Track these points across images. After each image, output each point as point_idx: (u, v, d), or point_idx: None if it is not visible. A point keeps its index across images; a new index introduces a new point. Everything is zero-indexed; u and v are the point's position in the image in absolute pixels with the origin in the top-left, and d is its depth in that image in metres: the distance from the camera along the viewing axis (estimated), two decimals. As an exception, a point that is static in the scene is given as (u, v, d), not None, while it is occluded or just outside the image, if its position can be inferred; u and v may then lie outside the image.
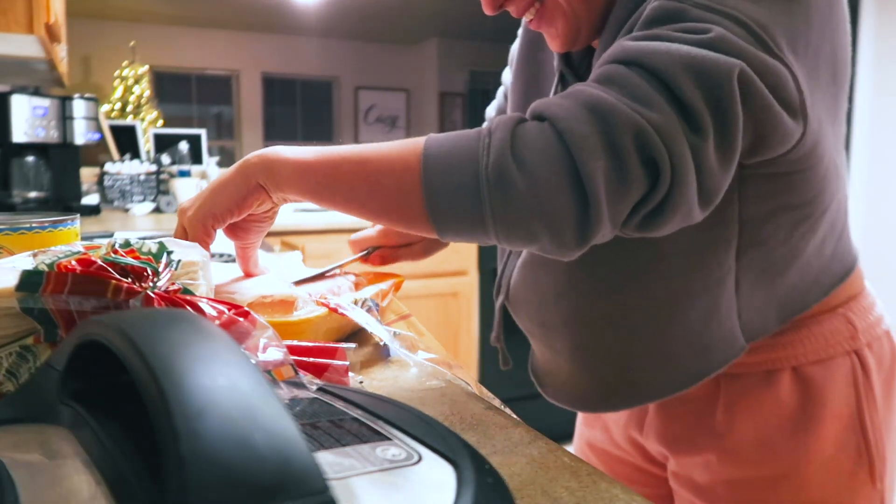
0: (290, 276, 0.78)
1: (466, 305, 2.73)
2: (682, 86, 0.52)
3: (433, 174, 0.54)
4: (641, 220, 0.55)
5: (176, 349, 0.27)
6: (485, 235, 0.55)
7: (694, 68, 0.52)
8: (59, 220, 0.69)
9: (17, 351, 0.44)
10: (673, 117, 0.52)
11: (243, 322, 0.45)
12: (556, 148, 0.52)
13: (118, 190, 2.87)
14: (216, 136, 8.38)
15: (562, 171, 0.51)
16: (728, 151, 0.54)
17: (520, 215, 0.52)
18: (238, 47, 8.20)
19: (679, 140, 0.51)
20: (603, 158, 0.51)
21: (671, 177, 0.52)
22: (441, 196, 0.54)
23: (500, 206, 0.52)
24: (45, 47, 1.97)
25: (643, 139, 0.51)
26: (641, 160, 0.51)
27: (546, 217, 0.52)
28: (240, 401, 0.25)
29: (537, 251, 0.56)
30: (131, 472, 0.28)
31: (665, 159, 0.51)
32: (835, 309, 0.74)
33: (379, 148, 0.58)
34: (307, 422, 0.35)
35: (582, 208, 0.52)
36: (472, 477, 0.30)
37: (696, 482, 0.77)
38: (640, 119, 0.51)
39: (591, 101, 0.52)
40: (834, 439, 0.72)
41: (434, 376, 0.61)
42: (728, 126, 0.53)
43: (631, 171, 0.51)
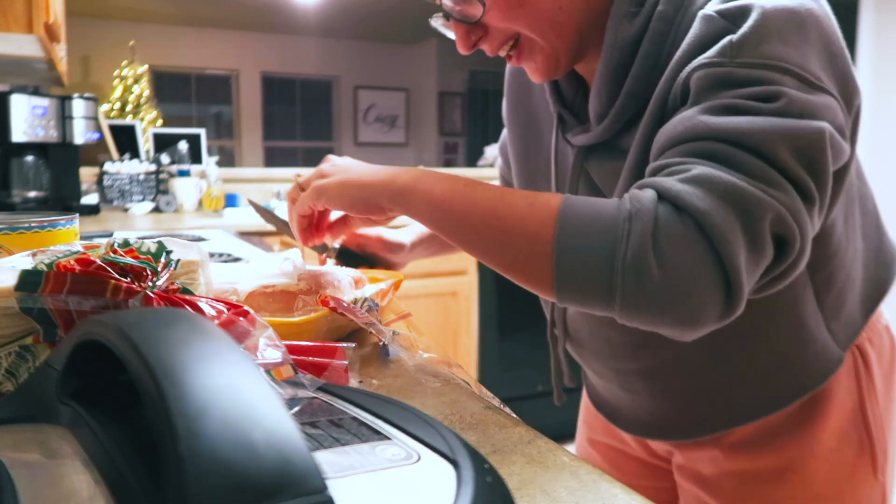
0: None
1: (466, 305, 2.73)
2: (787, 161, 0.54)
3: (567, 250, 0.54)
4: (763, 286, 0.58)
5: (175, 349, 0.27)
6: (608, 310, 0.55)
7: (790, 141, 0.54)
8: (58, 219, 0.69)
9: (16, 350, 0.44)
10: (795, 195, 0.54)
11: (243, 321, 0.45)
12: (699, 242, 0.52)
13: (117, 189, 2.87)
14: (215, 136, 8.37)
15: (706, 264, 0.52)
16: (823, 208, 0.57)
17: (652, 305, 0.53)
18: (237, 47, 8.20)
19: (804, 217, 0.54)
20: (745, 248, 0.53)
21: (798, 248, 0.55)
22: (572, 274, 0.54)
23: (632, 296, 0.52)
24: (45, 47, 1.97)
25: (779, 223, 0.53)
26: (774, 239, 0.54)
27: (682, 307, 0.52)
28: (239, 400, 0.25)
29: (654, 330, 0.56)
30: (130, 472, 0.28)
31: (797, 238, 0.54)
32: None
33: (514, 204, 0.58)
34: (306, 421, 0.35)
35: (724, 296, 0.53)
36: (471, 476, 0.30)
37: (702, 475, 0.78)
38: (776, 204, 0.53)
39: (727, 190, 0.53)
40: (837, 432, 0.73)
41: (433, 375, 0.61)
42: (825, 188, 0.56)
43: (765, 251, 0.54)
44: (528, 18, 0.67)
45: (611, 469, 0.93)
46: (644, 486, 0.90)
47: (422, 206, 0.62)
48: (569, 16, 0.67)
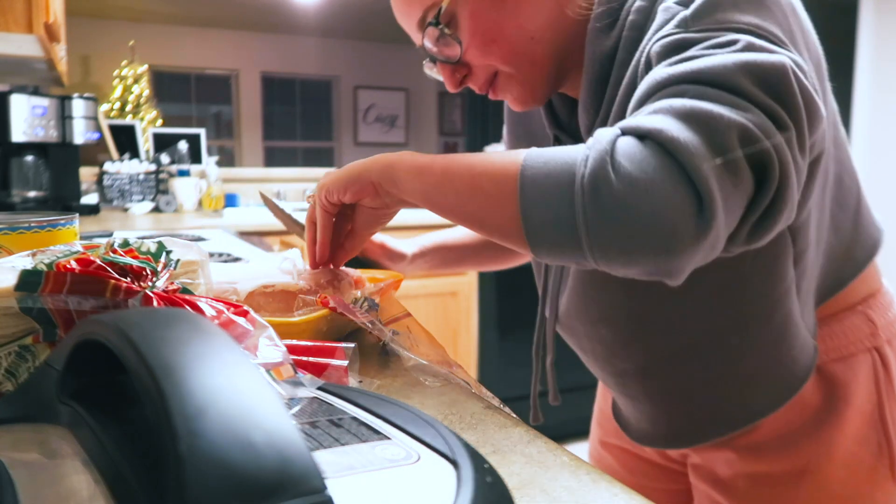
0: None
1: (465, 304, 2.73)
2: (751, 90, 0.52)
3: (530, 181, 0.54)
4: (751, 227, 0.54)
5: (175, 348, 0.27)
6: (579, 250, 0.52)
7: (753, 73, 0.52)
8: (58, 219, 0.69)
9: (16, 350, 0.44)
10: (763, 117, 0.52)
11: (242, 321, 0.45)
12: (658, 154, 0.50)
13: (117, 189, 2.87)
14: (215, 136, 8.37)
15: (669, 175, 0.49)
16: (804, 144, 0.54)
17: (618, 224, 0.50)
18: (237, 47, 8.20)
19: (779, 140, 0.51)
20: (711, 161, 0.50)
21: (779, 175, 0.51)
22: (535, 204, 0.53)
23: (596, 217, 0.50)
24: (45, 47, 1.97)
25: (748, 138, 0.50)
26: (749, 161, 0.51)
27: (651, 223, 0.49)
28: (239, 400, 0.25)
29: (638, 272, 0.53)
30: (130, 472, 0.28)
31: (772, 156, 0.51)
32: (854, 307, 0.75)
33: (488, 155, 0.59)
34: (306, 421, 0.35)
35: (695, 209, 0.49)
36: (471, 476, 0.30)
37: (718, 475, 0.77)
38: (741, 120, 0.50)
39: (687, 110, 0.51)
40: (855, 435, 0.73)
41: (433, 375, 0.61)
42: (799, 120, 0.53)
43: (741, 171, 0.51)
44: (501, 52, 0.70)
45: (624, 471, 0.93)
46: (658, 489, 0.90)
47: (405, 174, 0.63)
48: (541, 44, 0.70)
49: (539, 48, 0.70)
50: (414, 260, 1.00)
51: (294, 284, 0.70)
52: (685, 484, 0.85)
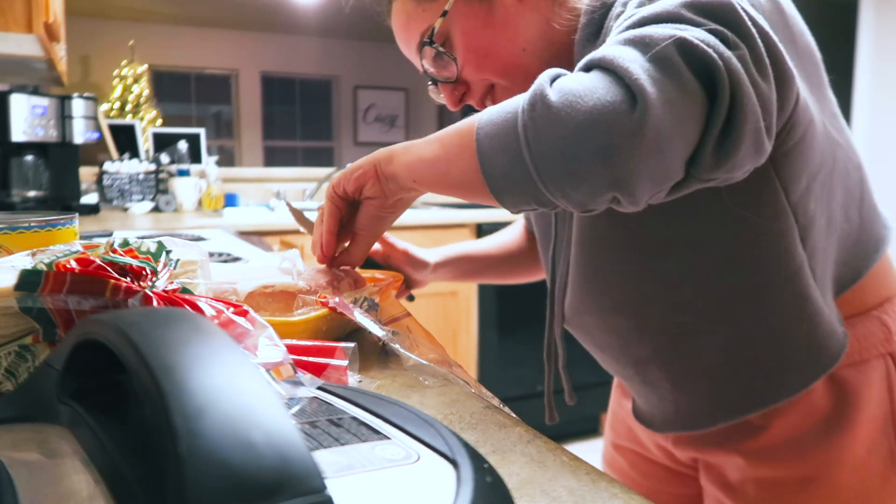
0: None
1: (465, 304, 2.73)
2: (695, 19, 0.52)
3: (483, 131, 0.55)
4: (714, 146, 0.51)
5: (175, 348, 0.27)
6: (532, 183, 0.52)
7: (696, 6, 0.53)
8: (57, 219, 0.69)
9: (15, 350, 0.44)
10: (707, 34, 0.51)
11: (242, 321, 0.45)
12: (597, 73, 0.51)
13: (117, 189, 2.87)
14: (215, 136, 8.37)
15: (602, 82, 0.50)
16: (763, 67, 0.53)
17: (553, 130, 0.50)
18: (237, 46, 8.20)
19: (722, 48, 0.50)
20: (648, 66, 0.49)
21: (729, 82, 0.50)
22: (488, 149, 0.54)
23: (531, 129, 0.51)
24: (44, 46, 1.97)
25: (687, 46, 0.50)
26: (693, 70, 0.50)
27: (585, 124, 0.49)
28: (239, 400, 0.25)
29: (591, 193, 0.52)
30: (130, 471, 0.28)
31: (718, 63, 0.50)
32: (868, 311, 0.74)
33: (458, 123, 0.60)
34: (306, 421, 0.36)
35: (629, 103, 0.48)
36: (470, 476, 0.30)
37: (727, 479, 0.77)
38: (680, 33, 0.50)
39: (626, 37, 0.52)
40: (866, 442, 0.72)
41: (433, 375, 0.61)
42: (752, 43, 0.53)
43: (683, 77, 0.49)
44: (495, 66, 0.73)
45: (635, 474, 0.93)
46: (669, 493, 0.89)
47: (398, 154, 0.64)
48: (533, 55, 0.72)
49: (531, 60, 0.72)
50: (436, 269, 1.01)
51: (294, 284, 0.70)
52: (696, 488, 0.84)
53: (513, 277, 1.10)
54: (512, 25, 0.72)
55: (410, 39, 0.77)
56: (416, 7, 0.75)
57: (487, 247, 1.07)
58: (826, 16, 4.58)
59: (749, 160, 0.54)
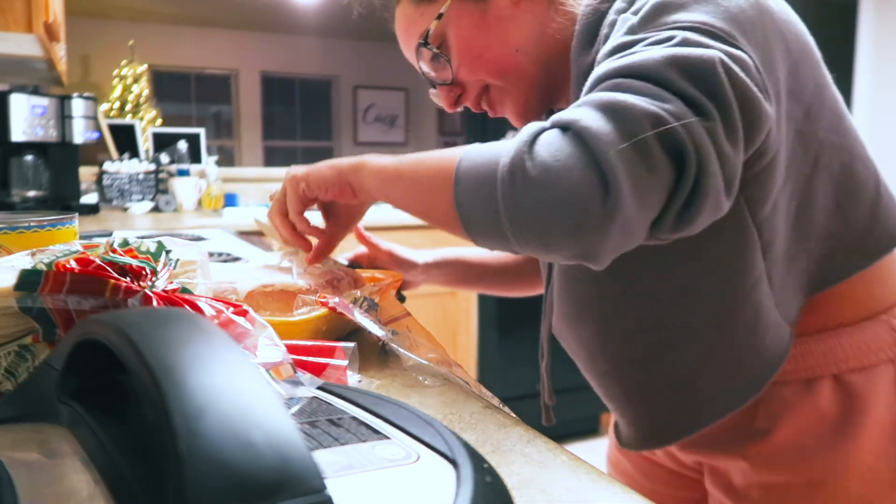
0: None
1: (465, 304, 2.73)
2: (677, 82, 0.54)
3: (463, 173, 0.57)
4: (675, 216, 0.55)
5: (175, 348, 0.27)
6: (503, 236, 0.56)
7: (679, 65, 0.54)
8: (57, 219, 0.69)
9: (15, 350, 0.44)
10: (682, 105, 0.53)
11: (242, 321, 0.45)
12: (572, 143, 0.53)
13: (117, 189, 2.87)
14: (215, 136, 8.37)
15: (579, 161, 0.52)
16: (734, 135, 0.55)
17: (530, 204, 0.53)
18: (237, 46, 8.19)
19: (696, 127, 0.53)
20: (622, 146, 0.51)
21: (696, 161, 0.52)
22: (465, 194, 0.57)
23: (510, 198, 0.54)
24: (44, 46, 1.97)
25: (665, 132, 0.52)
26: (664, 148, 0.52)
27: (560, 204, 0.52)
28: (238, 400, 0.25)
29: (559, 256, 0.56)
30: (130, 471, 0.28)
31: (688, 144, 0.52)
32: (877, 315, 0.73)
33: (434, 153, 0.63)
34: (306, 421, 0.36)
35: (602, 192, 0.51)
36: (470, 476, 0.30)
37: (732, 484, 0.76)
38: (657, 109, 0.52)
39: (605, 101, 0.54)
40: (874, 448, 0.71)
41: (433, 375, 0.61)
42: (727, 110, 0.55)
43: (654, 157, 0.52)
44: (489, 66, 0.75)
45: (640, 476, 0.93)
46: (673, 496, 0.89)
47: (368, 175, 0.67)
48: (526, 56, 0.74)
49: (525, 59, 0.74)
50: (427, 270, 1.00)
51: (293, 284, 0.70)
52: (701, 491, 0.84)
53: (509, 290, 1.09)
54: (505, 28, 0.74)
55: (410, 42, 0.80)
56: (414, 11, 0.78)
57: (484, 255, 1.06)
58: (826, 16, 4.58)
59: (707, 221, 0.57)
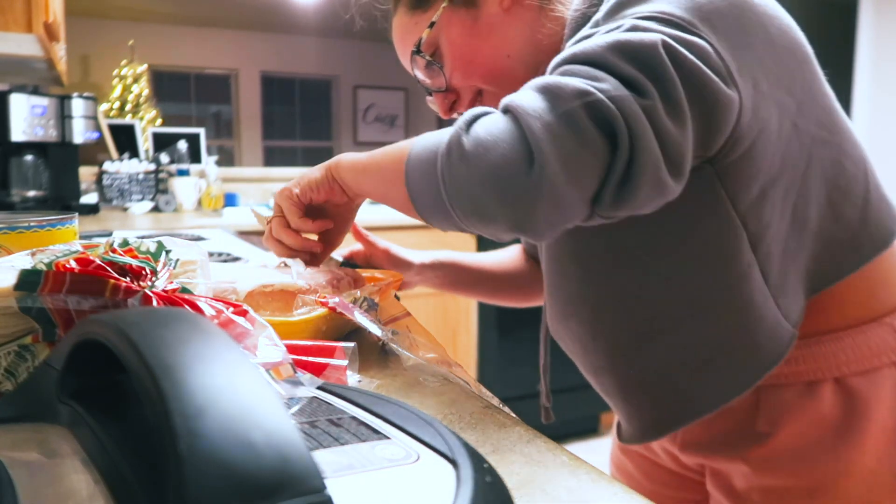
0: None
1: (465, 304, 2.73)
2: (616, 64, 0.55)
3: (412, 156, 0.61)
4: (614, 192, 0.55)
5: (175, 348, 0.27)
6: (448, 213, 0.58)
7: (620, 49, 0.56)
8: (57, 219, 0.69)
9: (15, 350, 0.44)
10: (618, 85, 0.54)
11: (242, 321, 0.45)
12: (507, 119, 0.56)
13: (117, 189, 2.87)
14: (215, 136, 8.37)
15: (509, 135, 0.54)
16: (679, 114, 0.55)
17: (464, 177, 0.56)
18: (237, 46, 8.19)
19: (629, 102, 0.53)
20: (553, 122, 0.53)
21: (629, 136, 0.53)
22: (414, 177, 0.60)
23: (447, 172, 0.57)
24: (44, 46, 1.97)
25: (593, 102, 0.53)
26: (595, 122, 0.53)
27: (492, 175, 0.54)
28: (238, 400, 0.25)
29: (498, 229, 0.58)
30: (130, 471, 0.28)
31: (619, 119, 0.53)
32: (880, 318, 0.72)
33: (397, 143, 0.66)
34: (306, 421, 0.36)
35: (527, 162, 0.53)
36: (470, 476, 0.30)
37: (733, 487, 0.76)
38: (588, 86, 0.54)
39: (543, 83, 0.56)
40: (876, 453, 0.71)
41: (433, 375, 0.61)
42: (669, 88, 0.55)
43: (584, 131, 0.53)
44: (481, 71, 0.77)
45: (642, 477, 0.92)
46: (675, 498, 0.89)
47: (345, 170, 0.72)
48: (517, 61, 0.75)
49: (516, 65, 0.75)
50: (422, 271, 1.00)
51: (293, 284, 0.70)
52: (702, 494, 0.83)
53: (507, 298, 1.08)
54: (497, 34, 0.75)
55: (405, 51, 0.81)
56: (409, 20, 0.80)
57: (480, 260, 1.05)
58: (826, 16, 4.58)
59: (652, 201, 0.57)
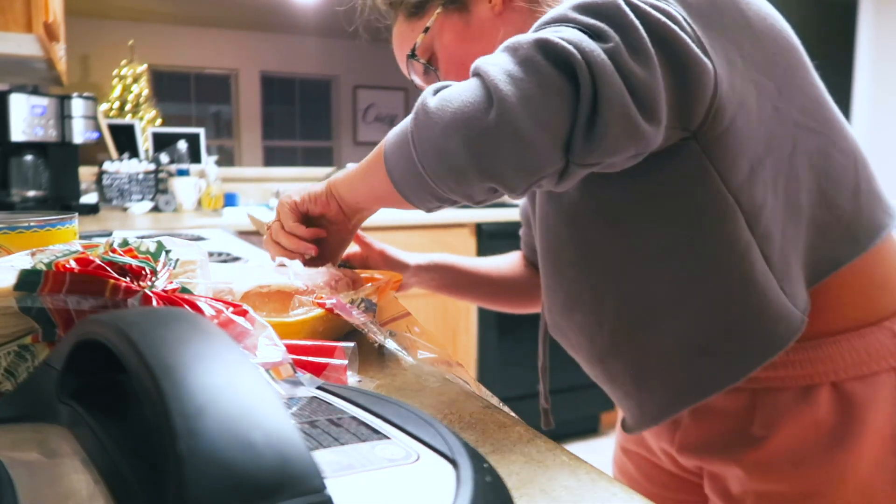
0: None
1: (465, 304, 2.73)
2: (576, 18, 0.57)
3: (388, 140, 0.63)
4: (584, 133, 0.55)
5: (174, 348, 0.27)
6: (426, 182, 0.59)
7: (582, 6, 0.58)
8: (57, 219, 0.69)
9: (15, 350, 0.44)
10: (577, 32, 0.55)
11: (242, 321, 0.45)
12: (471, 79, 0.57)
13: (117, 189, 2.87)
14: (215, 135, 8.37)
15: (472, 86, 0.56)
16: (644, 56, 0.56)
17: (431, 133, 0.57)
18: (237, 46, 8.19)
19: (587, 43, 0.54)
20: (513, 68, 0.54)
21: (589, 73, 0.53)
22: (390, 154, 0.62)
23: (415, 135, 0.58)
24: (44, 46, 1.97)
25: (547, 44, 0.54)
26: (553, 64, 0.54)
27: (453, 124, 0.55)
28: (238, 400, 0.25)
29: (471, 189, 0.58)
30: (130, 471, 0.28)
31: (576, 55, 0.53)
32: (880, 322, 0.72)
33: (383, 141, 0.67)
34: (305, 420, 0.36)
35: (486, 103, 0.54)
36: (470, 476, 0.30)
37: (729, 491, 0.76)
38: (547, 37, 0.55)
39: (508, 43, 0.57)
40: (872, 461, 0.70)
41: (432, 375, 0.61)
42: (629, 31, 0.56)
43: (543, 72, 0.54)
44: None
45: (642, 479, 0.92)
46: (675, 500, 0.89)
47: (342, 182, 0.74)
48: None
49: None
50: (418, 272, 1.00)
51: (290, 285, 0.70)
52: (702, 496, 0.83)
53: (504, 303, 1.08)
54: (488, 36, 0.78)
55: (404, 58, 0.84)
56: (406, 27, 0.83)
57: (477, 264, 1.05)
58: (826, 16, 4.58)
59: (625, 144, 0.56)
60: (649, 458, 0.90)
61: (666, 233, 0.69)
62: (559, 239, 0.76)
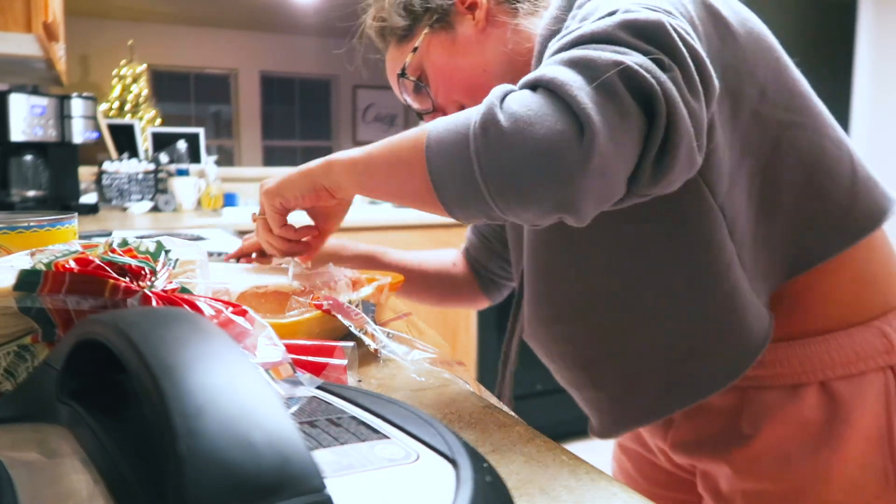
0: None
1: (465, 304, 2.72)
2: (629, 40, 0.55)
3: (434, 143, 0.57)
4: (652, 166, 0.55)
5: (174, 348, 0.27)
6: (482, 198, 0.54)
7: (630, 27, 0.56)
8: (56, 218, 0.69)
9: (14, 350, 0.44)
10: (642, 56, 0.54)
11: (241, 321, 0.45)
12: (543, 94, 0.54)
13: (116, 189, 2.86)
14: (214, 135, 8.36)
15: (551, 108, 0.53)
16: (695, 89, 0.56)
17: (506, 155, 0.52)
18: (236, 46, 8.19)
19: (659, 73, 0.53)
20: (593, 93, 0.52)
21: (666, 107, 0.53)
22: (438, 163, 0.56)
23: (484, 152, 0.53)
24: (44, 46, 1.96)
25: (629, 73, 0.53)
26: (632, 93, 0.53)
27: (538, 151, 0.51)
28: (238, 399, 0.25)
29: (539, 212, 0.54)
30: (130, 471, 0.28)
31: (656, 89, 0.53)
32: (869, 321, 0.72)
33: (402, 133, 0.62)
34: (305, 420, 0.36)
35: (577, 133, 0.51)
36: (470, 475, 0.30)
37: (719, 489, 0.76)
38: (620, 57, 0.53)
39: (569, 57, 0.55)
40: (859, 460, 0.70)
41: (432, 375, 0.61)
42: (684, 64, 0.55)
43: (624, 102, 0.52)
44: (460, 87, 0.81)
45: (639, 476, 0.93)
46: (670, 498, 0.89)
47: (340, 172, 0.67)
48: (493, 76, 0.78)
49: (492, 79, 0.77)
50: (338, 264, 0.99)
51: (287, 286, 0.70)
52: (697, 494, 0.83)
53: (436, 299, 1.08)
54: (473, 52, 0.80)
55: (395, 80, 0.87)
56: (396, 50, 0.85)
57: (405, 258, 1.04)
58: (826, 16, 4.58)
59: (683, 175, 0.57)
60: (647, 455, 0.90)
61: (664, 245, 0.70)
62: (552, 254, 0.76)
